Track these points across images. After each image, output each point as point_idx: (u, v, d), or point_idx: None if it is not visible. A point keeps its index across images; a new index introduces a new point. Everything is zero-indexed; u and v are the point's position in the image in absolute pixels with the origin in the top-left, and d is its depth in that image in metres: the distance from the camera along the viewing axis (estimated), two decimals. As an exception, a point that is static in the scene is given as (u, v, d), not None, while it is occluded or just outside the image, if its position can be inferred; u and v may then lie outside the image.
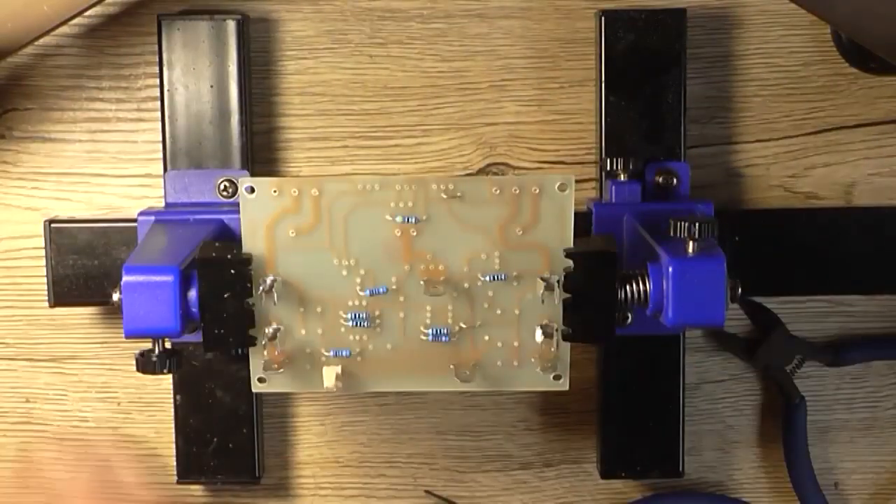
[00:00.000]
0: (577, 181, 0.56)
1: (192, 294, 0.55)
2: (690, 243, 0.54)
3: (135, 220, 0.61)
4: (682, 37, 0.63)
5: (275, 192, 0.56)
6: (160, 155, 0.64)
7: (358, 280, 0.57)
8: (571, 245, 0.56)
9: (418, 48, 0.66)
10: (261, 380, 0.58)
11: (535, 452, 0.69)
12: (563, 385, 0.58)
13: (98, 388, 0.68)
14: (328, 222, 0.56)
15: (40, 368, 0.68)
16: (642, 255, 0.57)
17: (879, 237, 0.63)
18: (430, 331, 0.57)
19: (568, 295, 0.55)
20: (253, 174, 0.64)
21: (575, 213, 0.56)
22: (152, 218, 0.61)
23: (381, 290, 0.57)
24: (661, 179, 0.63)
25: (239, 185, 0.56)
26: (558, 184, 0.56)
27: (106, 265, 0.63)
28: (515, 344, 0.58)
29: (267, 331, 0.57)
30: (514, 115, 0.66)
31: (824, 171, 0.67)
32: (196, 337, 0.56)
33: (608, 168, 0.62)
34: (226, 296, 0.54)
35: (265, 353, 0.57)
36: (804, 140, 0.67)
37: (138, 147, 0.66)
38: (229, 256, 0.55)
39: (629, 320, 0.61)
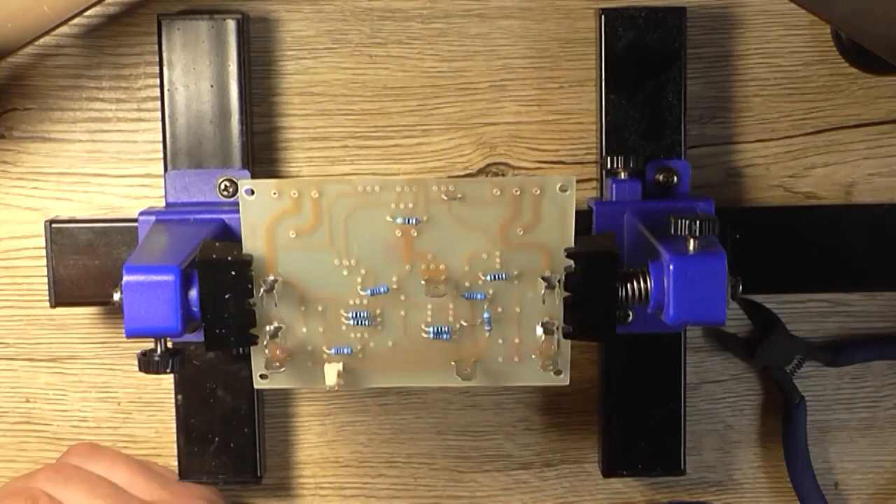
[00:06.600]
0: (577, 181, 0.56)
1: (193, 294, 0.54)
2: (691, 241, 0.54)
3: (135, 220, 0.61)
4: (682, 34, 0.63)
5: (274, 194, 0.56)
6: (160, 155, 0.64)
7: (359, 280, 0.57)
8: (572, 245, 0.56)
9: (418, 48, 0.66)
10: (263, 376, 0.58)
11: (535, 452, 0.69)
12: (564, 380, 0.58)
13: (98, 388, 0.68)
14: (328, 223, 0.56)
15: (40, 368, 0.68)
16: (643, 253, 0.57)
17: (880, 235, 0.63)
18: (431, 329, 0.57)
19: (569, 294, 0.55)
20: (253, 174, 0.64)
21: (575, 212, 0.56)
22: (153, 218, 0.61)
23: (381, 289, 0.57)
24: (661, 177, 0.63)
25: (238, 188, 0.56)
26: (559, 185, 0.56)
27: (107, 265, 0.62)
28: (516, 341, 0.57)
29: (268, 329, 0.57)
30: (514, 115, 0.66)
31: (824, 170, 0.67)
32: (197, 336, 0.56)
33: (608, 166, 0.62)
34: (227, 297, 0.54)
35: (266, 351, 0.57)
36: (804, 140, 0.67)
37: (138, 147, 0.66)
38: (230, 258, 0.54)
39: (630, 318, 0.61)
